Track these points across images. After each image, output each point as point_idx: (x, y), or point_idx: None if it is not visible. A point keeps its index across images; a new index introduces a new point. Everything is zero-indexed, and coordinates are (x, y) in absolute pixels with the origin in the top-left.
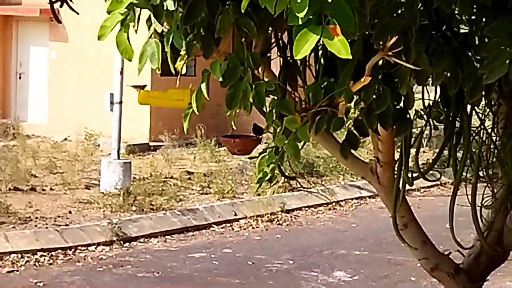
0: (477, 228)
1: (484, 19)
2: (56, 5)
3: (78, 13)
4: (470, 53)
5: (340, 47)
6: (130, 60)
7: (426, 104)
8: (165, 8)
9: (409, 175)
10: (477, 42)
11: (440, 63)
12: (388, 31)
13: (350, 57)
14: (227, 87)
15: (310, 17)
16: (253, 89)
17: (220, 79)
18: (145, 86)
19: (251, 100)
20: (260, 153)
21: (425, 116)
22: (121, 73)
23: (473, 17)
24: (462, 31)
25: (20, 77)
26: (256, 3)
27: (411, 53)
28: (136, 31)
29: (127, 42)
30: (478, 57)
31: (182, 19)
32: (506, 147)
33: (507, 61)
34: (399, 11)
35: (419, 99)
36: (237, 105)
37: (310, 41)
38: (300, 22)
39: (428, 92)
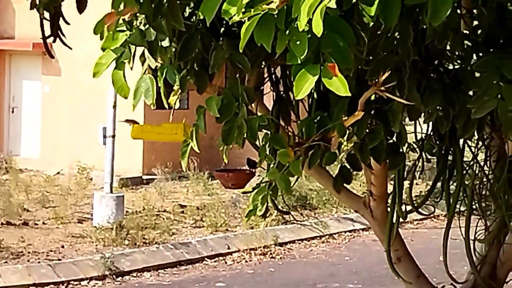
0: (471, 262)
1: (474, 55)
2: (49, 40)
3: (71, 48)
4: (461, 89)
5: (339, 85)
6: (126, 98)
7: (419, 137)
8: (159, 44)
9: (403, 208)
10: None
11: (431, 101)
12: (382, 66)
13: (349, 94)
14: (222, 123)
15: (308, 56)
16: (246, 123)
17: (217, 114)
18: (136, 122)
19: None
20: (253, 188)
21: (417, 149)
22: (114, 106)
23: (463, 54)
24: (451, 67)
25: (13, 111)
26: (249, 38)
27: (404, 88)
28: (131, 68)
29: (123, 80)
30: (471, 93)
31: (176, 55)
32: (499, 180)
33: (497, 97)
34: (392, 47)
35: (412, 132)
36: (233, 140)
37: (309, 81)
38: (299, 62)
39: (420, 126)
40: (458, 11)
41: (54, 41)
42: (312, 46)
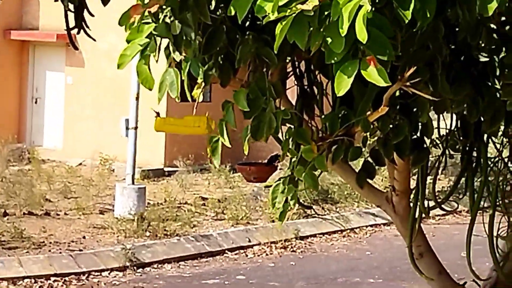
0: (494, 259)
1: (504, 48)
2: (73, 31)
3: (95, 40)
4: (489, 82)
5: (379, 77)
6: (151, 90)
7: (441, 133)
8: (184, 37)
9: (425, 204)
10: (497, 71)
11: (460, 90)
12: (414, 62)
13: (390, 84)
14: (250, 118)
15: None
16: (276, 119)
17: (247, 108)
18: (159, 113)
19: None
20: (275, 182)
21: (440, 145)
22: (137, 98)
23: (493, 47)
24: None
25: (36, 102)
26: (274, 31)
27: (438, 83)
28: (157, 60)
29: (148, 72)
30: (498, 87)
31: (201, 48)
32: None
33: None
34: (424, 43)
35: (435, 128)
36: (263, 136)
37: (349, 78)
38: (338, 59)
39: (444, 121)
40: None
41: (78, 32)
42: (350, 41)
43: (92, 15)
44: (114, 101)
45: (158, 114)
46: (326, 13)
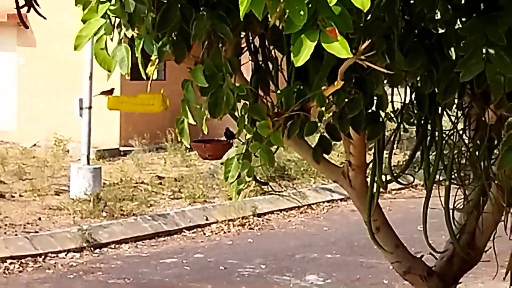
0: (450, 231)
1: (458, 20)
2: (23, 10)
3: (45, 18)
4: (443, 53)
5: (340, 48)
6: (110, 71)
7: (396, 107)
8: (139, 15)
9: (382, 178)
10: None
11: (415, 62)
12: (370, 34)
13: (351, 55)
14: (208, 94)
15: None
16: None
17: (206, 84)
18: (113, 89)
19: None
20: (230, 158)
21: (395, 119)
22: (90, 77)
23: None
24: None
25: None
26: (228, 6)
27: (394, 55)
28: (111, 39)
29: (106, 53)
30: (452, 59)
31: (155, 25)
32: (479, 150)
33: (484, 59)
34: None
35: (390, 101)
36: (221, 112)
37: (308, 47)
38: (298, 29)
39: (399, 94)
40: None
41: (28, 11)
42: (311, 12)
43: None
44: (68, 81)
45: (112, 90)
46: None
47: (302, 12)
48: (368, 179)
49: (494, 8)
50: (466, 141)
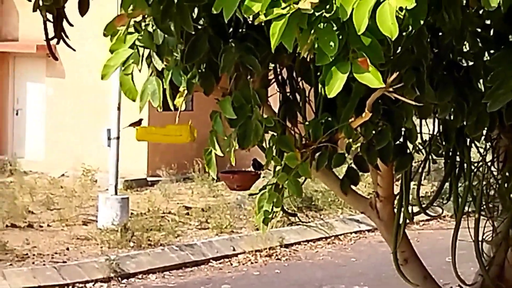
0: (480, 263)
1: (486, 52)
2: (53, 42)
3: (74, 50)
4: (473, 86)
5: (372, 78)
6: (134, 100)
7: (424, 139)
8: (167, 46)
9: (409, 209)
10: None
11: (445, 95)
12: (399, 66)
13: (383, 85)
14: (236, 126)
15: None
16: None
17: (234, 116)
18: (141, 120)
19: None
20: (260, 190)
21: (423, 151)
22: (119, 108)
23: (475, 51)
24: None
25: (17, 114)
26: (256, 38)
27: (424, 88)
28: (140, 70)
29: (131, 83)
30: (482, 91)
31: (183, 57)
32: (507, 182)
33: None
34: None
35: (418, 133)
36: (250, 143)
37: (340, 79)
38: (330, 61)
39: (427, 126)
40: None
41: (57, 43)
42: (341, 44)
43: (71, 25)
44: (95, 111)
45: (140, 121)
46: (317, 13)
47: (332, 44)
48: (396, 210)
49: None
50: (495, 173)
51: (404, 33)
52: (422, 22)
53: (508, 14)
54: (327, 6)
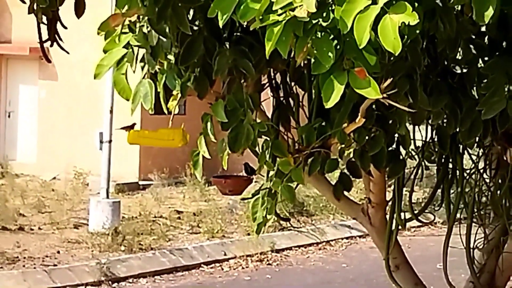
0: (471, 270)
1: (480, 59)
2: (46, 44)
3: (68, 52)
4: (466, 93)
5: (369, 88)
6: (128, 100)
7: (417, 145)
8: (161, 48)
9: (401, 216)
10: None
11: (439, 101)
12: (393, 73)
13: (381, 96)
14: (228, 129)
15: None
16: (253, 130)
17: (226, 119)
18: (134, 124)
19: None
20: (253, 195)
21: (416, 157)
22: (111, 111)
23: (469, 58)
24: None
25: (9, 116)
26: (251, 42)
27: (418, 94)
28: (134, 71)
29: (125, 82)
30: (475, 97)
31: (178, 59)
32: (501, 189)
33: (506, 97)
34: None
35: (411, 139)
36: (241, 147)
37: (337, 89)
38: (326, 70)
39: (420, 132)
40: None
41: (51, 45)
42: (338, 53)
43: (65, 28)
44: (88, 115)
45: (132, 126)
46: (313, 21)
47: (330, 54)
48: (388, 217)
49: None
50: (487, 180)
51: None
52: (418, 31)
53: (501, 21)
54: (324, 14)
